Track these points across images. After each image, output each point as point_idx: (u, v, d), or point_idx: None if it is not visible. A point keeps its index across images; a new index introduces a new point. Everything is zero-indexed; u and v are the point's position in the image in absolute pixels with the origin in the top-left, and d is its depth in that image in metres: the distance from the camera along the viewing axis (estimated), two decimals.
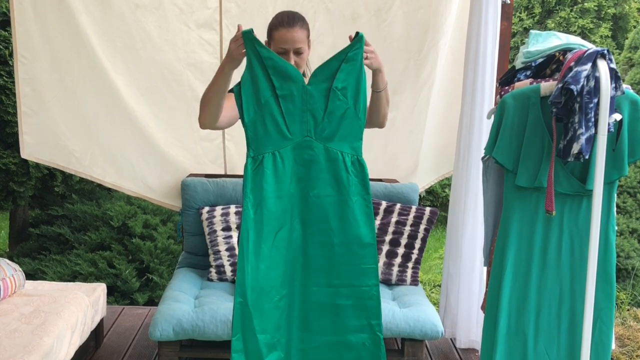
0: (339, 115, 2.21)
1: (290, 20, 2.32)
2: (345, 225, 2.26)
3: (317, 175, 2.24)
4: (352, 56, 2.18)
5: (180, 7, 3.63)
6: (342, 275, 2.28)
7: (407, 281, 3.53)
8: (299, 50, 2.31)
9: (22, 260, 5.06)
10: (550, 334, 2.43)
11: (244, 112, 2.21)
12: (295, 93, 2.19)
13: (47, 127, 3.57)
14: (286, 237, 2.25)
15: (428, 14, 3.72)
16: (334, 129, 2.22)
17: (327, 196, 2.25)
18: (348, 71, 2.19)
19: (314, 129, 2.22)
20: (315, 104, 2.19)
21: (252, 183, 2.20)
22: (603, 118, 2.17)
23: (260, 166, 2.20)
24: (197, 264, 3.69)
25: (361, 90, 2.21)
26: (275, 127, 2.20)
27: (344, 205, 2.25)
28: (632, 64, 6.91)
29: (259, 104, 2.19)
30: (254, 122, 2.20)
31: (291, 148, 2.22)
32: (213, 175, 3.91)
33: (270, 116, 2.19)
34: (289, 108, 2.20)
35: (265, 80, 2.18)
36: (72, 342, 2.92)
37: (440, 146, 4.00)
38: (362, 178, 2.27)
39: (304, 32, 2.34)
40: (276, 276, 2.25)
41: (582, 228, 2.37)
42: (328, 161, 2.24)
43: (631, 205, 5.68)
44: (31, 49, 3.45)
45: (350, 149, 2.25)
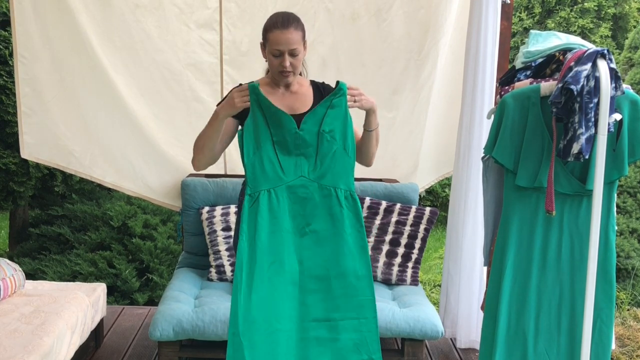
0: (330, 155, 2.34)
1: (284, 21, 2.32)
2: (341, 258, 2.33)
3: (312, 211, 2.34)
4: (336, 103, 2.32)
5: (180, 7, 3.63)
6: (340, 308, 2.33)
7: (407, 281, 3.53)
8: (294, 51, 2.33)
9: (22, 260, 5.06)
10: (550, 334, 2.43)
11: (244, 154, 2.34)
12: (288, 139, 2.33)
13: (47, 127, 3.57)
14: (281, 272, 2.31)
15: (428, 14, 3.72)
16: (326, 168, 2.35)
17: (322, 231, 2.34)
18: (333, 116, 2.33)
19: (307, 169, 2.35)
20: (307, 147, 2.34)
21: (248, 218, 2.31)
22: (603, 118, 2.17)
23: (257, 203, 2.32)
24: (197, 264, 3.68)
25: (348, 131, 2.35)
26: (271, 168, 2.33)
27: (339, 239, 2.33)
28: (632, 64, 6.91)
29: (258, 147, 2.33)
30: (252, 163, 2.33)
31: (286, 187, 2.34)
32: (213, 175, 3.91)
33: (268, 158, 2.33)
34: (283, 152, 2.34)
35: (265, 127, 2.32)
36: (72, 342, 2.92)
37: (441, 146, 4.00)
38: (355, 212, 2.36)
39: (299, 33, 2.34)
40: (269, 309, 2.29)
41: (582, 228, 2.37)
42: (322, 197, 2.34)
43: (631, 205, 5.67)
44: (31, 49, 3.44)
45: (343, 185, 2.36)
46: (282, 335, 2.30)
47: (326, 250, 2.33)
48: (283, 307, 2.30)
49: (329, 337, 2.32)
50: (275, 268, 2.30)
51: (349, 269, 2.33)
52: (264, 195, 2.31)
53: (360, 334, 2.34)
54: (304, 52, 2.40)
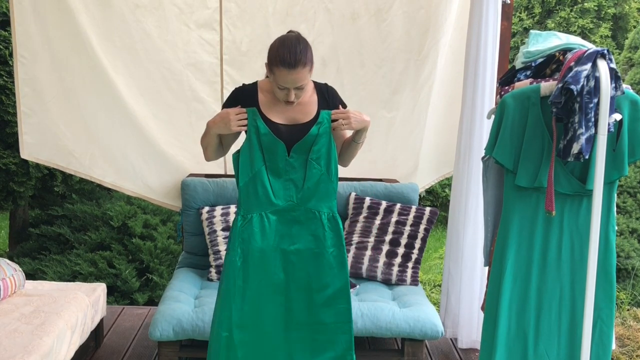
0: (316, 181, 2.52)
1: (292, 60, 2.28)
2: (321, 273, 2.57)
3: (298, 232, 2.55)
4: (322, 131, 2.49)
5: (180, 7, 3.62)
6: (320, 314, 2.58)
7: (407, 281, 3.53)
8: (300, 87, 2.37)
9: (22, 260, 5.06)
10: (551, 334, 2.43)
11: (239, 177, 2.53)
12: (279, 165, 2.50)
13: (46, 127, 3.56)
14: (270, 284, 2.55)
15: (428, 14, 3.72)
16: (312, 192, 2.53)
17: (306, 249, 2.56)
18: (320, 144, 2.49)
19: (295, 194, 2.53)
20: (296, 173, 2.51)
21: (239, 238, 2.52)
22: (603, 118, 2.17)
23: (249, 224, 2.52)
24: (197, 264, 3.68)
25: (332, 157, 2.53)
26: (264, 193, 2.51)
27: (320, 257, 2.56)
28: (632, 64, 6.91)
29: (252, 172, 2.50)
30: (247, 186, 2.51)
31: (276, 210, 2.53)
32: (213, 175, 3.91)
33: (261, 184, 2.50)
34: (274, 177, 2.52)
35: (259, 152, 2.48)
36: (72, 342, 2.92)
37: (441, 146, 3.99)
38: (336, 231, 2.58)
39: (306, 69, 2.33)
40: (259, 315, 2.55)
41: (582, 228, 2.37)
42: (307, 220, 2.55)
43: (631, 205, 5.67)
44: (31, 49, 3.44)
45: (326, 208, 2.56)
46: (269, 336, 2.57)
47: (310, 266, 2.56)
48: (270, 314, 2.56)
49: (309, 336, 2.59)
50: (266, 282, 2.55)
51: (328, 282, 2.57)
52: (256, 217, 2.52)
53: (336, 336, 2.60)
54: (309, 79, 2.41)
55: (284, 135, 2.45)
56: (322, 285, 2.57)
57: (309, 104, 2.48)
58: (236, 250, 2.52)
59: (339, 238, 2.58)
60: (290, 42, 2.32)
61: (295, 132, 2.45)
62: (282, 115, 2.46)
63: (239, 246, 2.52)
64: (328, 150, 2.51)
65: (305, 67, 2.32)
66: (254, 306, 2.55)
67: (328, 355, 2.60)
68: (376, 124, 3.78)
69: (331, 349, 2.60)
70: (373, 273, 3.54)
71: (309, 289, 2.57)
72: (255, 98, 2.46)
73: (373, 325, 3.09)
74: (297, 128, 2.45)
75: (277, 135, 2.45)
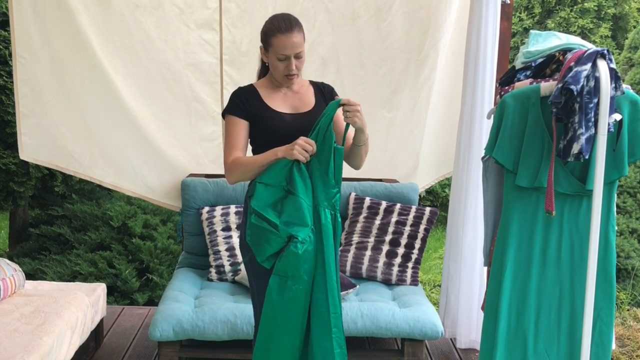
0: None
1: (287, 25, 2.32)
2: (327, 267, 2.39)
3: None
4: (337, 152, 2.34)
5: (180, 7, 3.62)
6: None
7: (407, 281, 3.53)
8: (299, 54, 2.34)
9: (22, 260, 5.06)
10: (550, 334, 2.42)
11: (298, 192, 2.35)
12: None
13: (46, 128, 3.55)
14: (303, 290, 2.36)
15: (428, 14, 3.72)
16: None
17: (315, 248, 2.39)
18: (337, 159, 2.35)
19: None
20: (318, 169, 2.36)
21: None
22: (603, 118, 2.16)
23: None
24: (197, 264, 3.68)
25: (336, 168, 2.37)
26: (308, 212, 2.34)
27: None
28: (632, 64, 6.91)
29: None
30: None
31: None
32: (213, 175, 3.91)
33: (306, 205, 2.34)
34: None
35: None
36: (72, 342, 2.92)
37: (441, 146, 4.00)
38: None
39: (302, 34, 2.35)
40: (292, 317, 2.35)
41: (582, 228, 2.37)
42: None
43: (631, 205, 5.67)
44: (30, 49, 3.44)
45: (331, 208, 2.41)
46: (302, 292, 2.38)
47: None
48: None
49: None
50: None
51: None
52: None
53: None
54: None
55: (290, 124, 2.41)
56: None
57: (306, 94, 2.49)
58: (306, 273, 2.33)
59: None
60: (281, 14, 2.39)
61: (300, 121, 2.42)
62: (284, 104, 2.45)
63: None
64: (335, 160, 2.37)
65: (300, 32, 2.34)
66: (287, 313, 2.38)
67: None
68: (376, 124, 3.79)
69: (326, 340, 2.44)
70: (373, 273, 3.54)
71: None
72: (256, 92, 2.45)
73: (373, 325, 3.09)
74: (301, 116, 2.43)
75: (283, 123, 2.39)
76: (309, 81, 2.55)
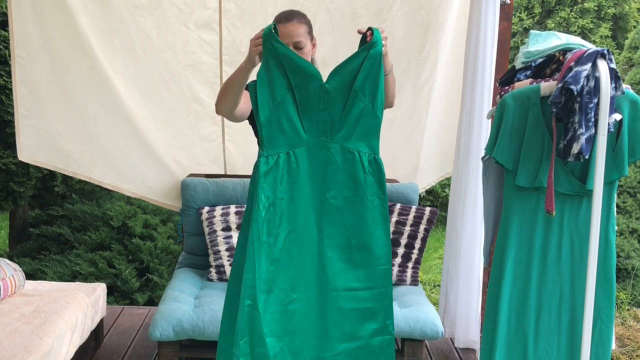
0: (357, 114, 2.17)
1: (287, 15, 2.35)
2: (363, 227, 2.21)
3: (334, 176, 2.19)
4: (373, 54, 2.12)
5: (180, 8, 3.62)
6: (360, 278, 2.24)
7: (407, 281, 3.53)
8: (298, 44, 2.30)
9: (22, 260, 5.06)
10: (550, 334, 2.43)
11: (259, 111, 2.16)
12: (312, 92, 2.14)
13: (44, 128, 3.55)
14: (299, 240, 2.20)
15: (429, 14, 3.72)
16: (351, 128, 2.18)
17: (344, 198, 2.20)
18: (368, 69, 2.14)
19: (330, 128, 2.18)
20: (333, 102, 2.15)
21: (264, 183, 2.14)
22: (603, 118, 2.16)
23: (275, 166, 2.16)
24: (197, 264, 3.68)
25: (379, 87, 2.16)
26: (291, 126, 2.16)
27: (362, 207, 2.20)
28: (632, 64, 6.91)
29: (275, 102, 2.15)
30: (269, 120, 2.15)
31: (306, 148, 2.17)
32: (213, 175, 3.90)
33: (286, 115, 2.15)
34: (305, 107, 2.15)
35: (282, 77, 2.13)
36: (72, 342, 2.92)
37: (441, 146, 3.99)
38: (379, 178, 2.23)
39: (302, 26, 2.34)
40: (285, 279, 2.21)
41: (582, 228, 2.37)
42: (345, 161, 2.19)
43: (631, 205, 5.67)
44: (29, 49, 3.43)
45: (367, 148, 2.22)
46: (298, 304, 2.22)
47: (347, 218, 2.21)
48: (300, 277, 2.21)
49: (349, 307, 2.24)
50: (294, 237, 2.20)
51: (371, 238, 2.22)
52: (282, 158, 2.16)
53: (380, 302, 2.27)
54: (312, 47, 2.40)
55: None
56: (362, 242, 2.21)
57: None
58: (259, 197, 2.11)
59: (380, 187, 2.23)
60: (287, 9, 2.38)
61: None
62: None
63: (261, 193, 2.12)
64: (376, 78, 2.15)
65: (300, 23, 2.31)
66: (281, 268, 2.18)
67: (369, 327, 2.25)
68: None
69: (372, 319, 2.26)
70: None
71: (348, 247, 2.21)
72: None
73: None
74: None
75: None
76: None
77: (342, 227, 2.21)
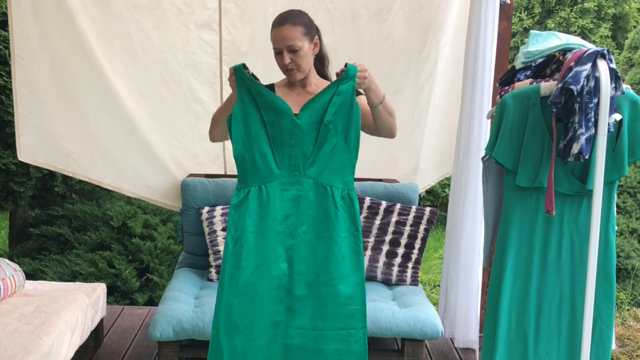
0: (329, 149, 2.17)
1: (281, 19, 2.30)
2: (332, 264, 2.18)
3: (306, 211, 2.19)
4: (342, 89, 2.14)
5: (179, 8, 3.62)
6: (328, 317, 2.21)
7: (407, 281, 3.53)
8: (291, 47, 2.25)
9: (22, 260, 5.06)
10: (551, 334, 2.43)
11: (233, 146, 2.20)
12: (284, 127, 2.16)
13: (44, 129, 3.54)
14: (266, 275, 2.19)
15: (429, 14, 3.72)
16: (324, 163, 2.19)
17: (315, 233, 2.19)
18: (339, 104, 2.15)
19: (302, 163, 2.19)
20: (305, 137, 2.16)
21: (234, 215, 2.18)
22: (603, 118, 2.17)
23: (245, 199, 2.19)
24: (197, 264, 3.68)
25: (352, 123, 2.17)
26: (263, 161, 2.18)
27: (332, 243, 2.18)
28: (632, 64, 6.92)
29: (249, 138, 2.17)
30: (242, 155, 2.19)
31: (279, 183, 2.19)
32: (213, 175, 3.90)
33: (259, 150, 2.17)
34: (277, 142, 2.17)
35: (256, 113, 2.17)
36: (72, 342, 2.92)
37: (441, 146, 3.99)
38: (352, 213, 2.21)
39: (296, 28, 2.26)
40: (251, 314, 2.19)
41: (582, 228, 2.37)
42: (318, 196, 2.19)
43: (631, 205, 5.68)
44: (29, 49, 3.43)
45: (341, 183, 2.21)
46: (262, 342, 2.20)
47: (318, 254, 2.19)
48: (266, 313, 2.20)
49: (313, 347, 2.21)
50: (261, 272, 2.19)
51: (340, 276, 2.19)
52: (253, 192, 2.18)
53: (347, 345, 2.23)
54: (312, 48, 2.31)
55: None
56: (331, 279, 2.17)
57: None
58: (229, 229, 2.16)
59: (354, 222, 2.20)
60: (287, 10, 2.33)
61: None
62: (294, 105, 2.30)
63: (232, 226, 2.16)
64: (349, 113, 2.14)
65: (294, 26, 2.24)
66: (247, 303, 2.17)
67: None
68: None
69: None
70: (373, 273, 3.54)
71: (317, 284, 2.18)
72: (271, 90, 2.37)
73: (373, 325, 3.08)
74: None
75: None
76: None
77: (313, 263, 2.19)
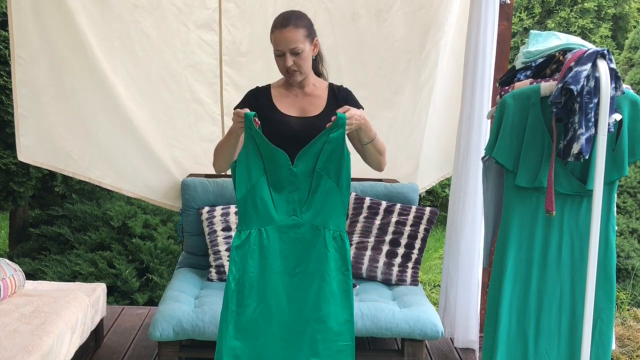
0: (323, 194, 2.31)
1: (283, 21, 2.31)
2: (322, 302, 2.31)
3: (303, 252, 2.32)
4: (333, 138, 2.26)
5: (179, 8, 3.62)
6: (319, 352, 2.32)
7: (407, 281, 3.53)
8: (294, 50, 2.30)
9: (22, 260, 5.06)
10: (551, 334, 2.43)
11: (236, 190, 2.33)
12: (282, 175, 2.29)
13: (44, 129, 3.54)
14: (268, 312, 2.31)
15: (429, 14, 3.72)
16: (319, 207, 2.32)
17: (310, 273, 2.32)
18: (330, 151, 2.27)
19: (299, 208, 2.33)
20: (301, 184, 2.30)
21: (235, 256, 2.31)
22: (603, 118, 2.17)
23: (247, 241, 2.31)
24: (197, 264, 3.68)
25: (343, 168, 2.30)
26: (263, 206, 2.31)
27: (322, 282, 2.30)
28: (632, 64, 6.91)
29: (251, 184, 2.30)
30: (245, 199, 2.32)
31: (277, 227, 2.32)
32: (213, 175, 3.90)
33: (260, 195, 2.30)
34: (277, 188, 2.31)
35: (259, 161, 2.29)
36: (72, 342, 2.92)
37: (441, 146, 3.99)
38: (342, 253, 2.33)
39: (299, 31, 2.30)
40: (252, 349, 2.32)
41: (582, 228, 2.37)
42: (312, 238, 2.32)
43: (631, 205, 5.68)
44: (28, 49, 3.43)
45: (333, 225, 2.34)
46: None
47: (311, 292, 2.32)
48: (267, 348, 2.32)
49: None
50: (262, 309, 2.32)
51: (330, 313, 2.31)
52: (254, 234, 2.32)
53: None
54: (313, 50, 2.37)
55: (295, 127, 2.36)
56: (321, 316, 2.30)
57: (319, 97, 2.44)
58: (230, 269, 2.31)
59: (344, 262, 2.33)
60: (287, 11, 2.38)
61: (307, 126, 2.36)
62: (293, 106, 2.40)
63: (234, 266, 2.30)
64: (339, 158, 2.28)
65: (297, 29, 2.30)
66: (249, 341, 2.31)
67: None
68: (377, 124, 3.74)
69: None
70: (373, 273, 3.54)
71: (309, 321, 2.31)
72: (268, 93, 2.43)
73: (373, 325, 3.09)
74: (308, 121, 2.37)
75: (288, 126, 2.35)
76: (329, 84, 2.50)
77: (307, 300, 2.31)
